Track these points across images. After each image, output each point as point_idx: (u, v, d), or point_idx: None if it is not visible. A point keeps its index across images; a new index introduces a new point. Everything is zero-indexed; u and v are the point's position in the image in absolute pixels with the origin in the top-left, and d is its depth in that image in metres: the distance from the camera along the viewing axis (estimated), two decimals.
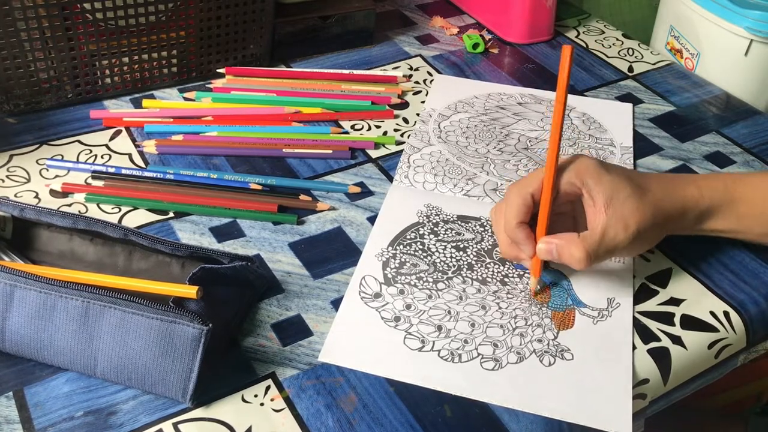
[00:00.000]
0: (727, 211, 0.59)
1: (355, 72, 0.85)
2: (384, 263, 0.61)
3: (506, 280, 0.60)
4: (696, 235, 0.61)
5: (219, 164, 0.70)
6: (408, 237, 0.63)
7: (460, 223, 0.65)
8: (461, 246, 0.63)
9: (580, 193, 0.56)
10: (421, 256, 0.61)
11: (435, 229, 0.64)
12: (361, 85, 0.83)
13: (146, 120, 0.75)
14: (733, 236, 0.61)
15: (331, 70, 0.84)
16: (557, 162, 0.55)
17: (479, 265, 0.61)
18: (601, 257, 0.55)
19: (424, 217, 0.65)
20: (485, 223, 0.65)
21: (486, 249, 0.63)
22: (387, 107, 0.80)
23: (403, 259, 0.61)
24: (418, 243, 0.63)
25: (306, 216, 0.66)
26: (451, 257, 0.62)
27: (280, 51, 0.86)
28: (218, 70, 0.82)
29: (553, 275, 0.61)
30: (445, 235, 0.64)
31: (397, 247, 0.62)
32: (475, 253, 0.62)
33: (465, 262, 0.61)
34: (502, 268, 0.61)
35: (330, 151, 0.72)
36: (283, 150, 0.72)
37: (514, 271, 0.61)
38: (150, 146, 0.71)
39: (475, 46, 0.91)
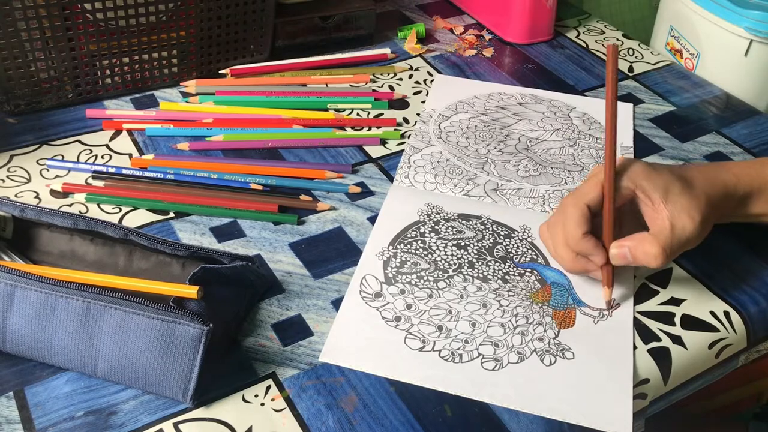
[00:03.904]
0: (763, 195, 0.60)
1: (344, 56, 0.87)
2: (385, 262, 0.61)
3: (507, 277, 0.60)
4: (740, 221, 0.62)
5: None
6: (409, 236, 0.63)
7: (461, 221, 0.65)
8: (462, 244, 0.63)
9: (634, 196, 0.57)
10: (422, 255, 0.61)
11: (436, 227, 0.64)
12: (350, 71, 0.85)
13: (144, 122, 0.75)
14: None
15: (323, 57, 0.86)
16: (615, 166, 0.56)
17: (480, 263, 0.61)
18: (675, 251, 0.55)
19: (425, 216, 0.65)
20: (486, 221, 0.65)
21: (487, 247, 0.63)
22: (388, 102, 0.80)
23: (403, 258, 0.61)
24: (419, 241, 0.63)
25: (306, 216, 0.66)
26: (452, 255, 0.62)
27: (280, 51, 0.86)
28: (221, 71, 0.82)
29: (555, 274, 0.61)
30: (446, 233, 0.64)
31: (398, 246, 0.62)
32: (476, 251, 0.62)
33: (466, 260, 0.61)
34: (503, 265, 0.61)
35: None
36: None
37: (515, 268, 0.61)
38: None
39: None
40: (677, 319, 0.58)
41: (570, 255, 0.58)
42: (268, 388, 0.51)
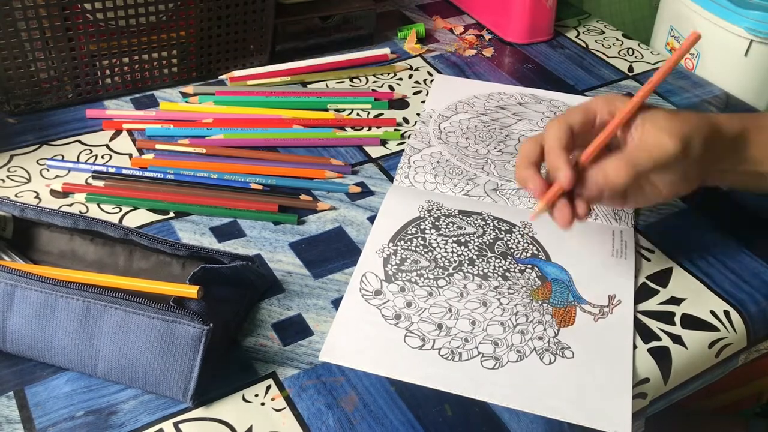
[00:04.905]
0: (758, 136, 0.56)
1: (343, 58, 0.87)
2: (385, 260, 0.61)
3: (507, 275, 0.60)
4: (736, 178, 0.58)
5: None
6: (409, 232, 0.63)
7: (461, 217, 0.65)
8: (463, 240, 0.63)
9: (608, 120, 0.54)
10: (422, 252, 0.61)
11: (436, 223, 0.64)
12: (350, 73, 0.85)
13: (143, 122, 0.75)
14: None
15: (322, 60, 0.85)
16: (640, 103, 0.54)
17: (480, 259, 0.61)
18: (644, 168, 0.52)
19: (426, 212, 0.65)
20: (487, 217, 0.65)
21: (488, 242, 0.63)
22: (388, 102, 0.80)
23: (404, 256, 0.61)
24: (420, 238, 0.63)
25: (306, 216, 0.66)
26: (453, 252, 0.62)
27: (280, 51, 0.86)
28: (221, 77, 0.82)
29: (555, 270, 0.61)
30: (447, 230, 0.64)
31: (398, 243, 0.62)
32: (476, 248, 0.62)
33: (466, 257, 0.61)
34: (503, 262, 0.61)
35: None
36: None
37: (515, 265, 0.61)
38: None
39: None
40: (677, 319, 0.58)
41: (529, 158, 0.54)
42: (268, 387, 0.51)
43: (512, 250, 0.62)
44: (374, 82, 0.85)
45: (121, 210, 0.65)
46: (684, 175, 0.54)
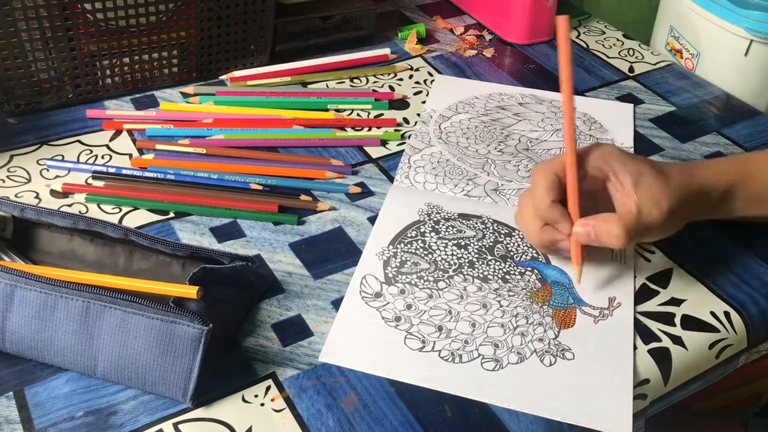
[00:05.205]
0: (743, 189, 0.59)
1: (344, 58, 0.87)
2: (385, 262, 0.61)
3: (507, 277, 0.60)
4: (727, 219, 0.61)
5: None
6: (409, 235, 0.63)
7: (461, 220, 0.65)
8: (462, 243, 0.63)
9: (605, 177, 0.56)
10: (422, 255, 0.61)
11: (436, 227, 0.64)
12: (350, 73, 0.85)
13: (144, 123, 0.75)
14: (760, 218, 0.62)
15: (322, 61, 0.85)
16: (575, 142, 0.56)
17: (480, 262, 0.61)
18: (639, 234, 0.55)
19: (425, 215, 0.65)
20: (486, 220, 0.65)
21: (487, 246, 0.63)
22: (388, 102, 0.80)
23: (404, 258, 0.61)
24: (419, 241, 0.63)
25: (306, 216, 0.66)
26: (452, 255, 0.62)
27: (280, 51, 0.86)
28: (221, 77, 0.82)
29: (555, 273, 0.61)
30: (446, 233, 0.64)
31: (398, 246, 0.62)
32: (476, 251, 0.62)
33: (466, 260, 0.61)
34: (503, 265, 0.61)
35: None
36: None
37: (515, 267, 0.61)
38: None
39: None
40: (677, 320, 0.58)
41: (537, 225, 0.57)
42: (268, 388, 0.51)
43: (512, 253, 0.62)
44: (374, 82, 0.85)
45: (121, 210, 0.65)
46: (666, 229, 0.57)
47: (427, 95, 0.83)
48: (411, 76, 0.86)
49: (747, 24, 0.84)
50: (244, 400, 0.50)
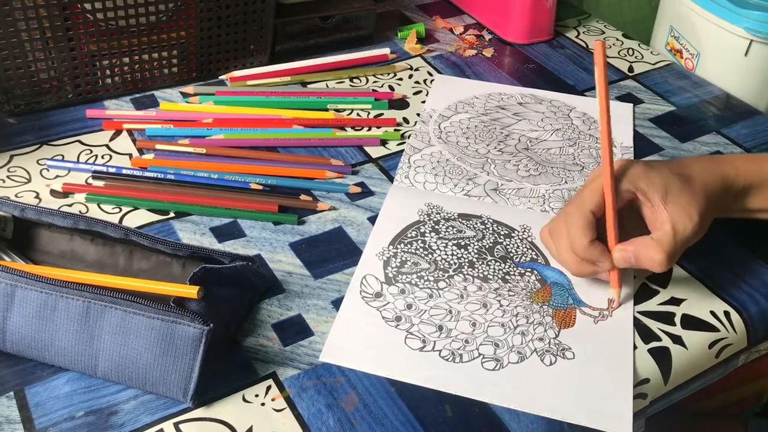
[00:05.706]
0: (762, 190, 0.59)
1: (343, 58, 0.87)
2: (385, 262, 0.61)
3: (507, 277, 0.60)
4: (738, 216, 0.61)
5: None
6: (409, 235, 0.63)
7: (461, 220, 0.65)
8: (462, 244, 0.63)
9: (634, 198, 0.56)
10: (422, 255, 0.61)
11: (436, 227, 0.64)
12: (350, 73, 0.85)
13: (143, 122, 0.75)
14: None
15: (322, 60, 0.85)
16: (613, 171, 0.56)
17: (480, 262, 0.61)
18: (679, 253, 0.55)
19: (425, 216, 0.65)
20: (486, 220, 0.65)
21: (487, 246, 0.63)
22: (388, 102, 0.80)
23: (404, 258, 0.61)
24: (419, 241, 0.63)
25: (306, 216, 0.66)
26: (453, 255, 0.62)
27: (280, 51, 0.86)
28: (221, 77, 0.82)
29: (555, 274, 0.61)
30: (446, 233, 0.64)
31: (398, 246, 0.62)
32: (476, 251, 0.62)
33: (466, 260, 0.61)
34: (503, 265, 0.61)
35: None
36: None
37: (515, 268, 0.61)
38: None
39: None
40: (677, 319, 0.58)
41: (575, 260, 0.57)
42: (269, 388, 0.51)
43: (511, 254, 0.62)
44: (374, 82, 0.85)
45: (121, 210, 0.65)
46: (699, 235, 0.57)
47: (426, 95, 0.83)
48: (411, 76, 0.86)
49: (747, 24, 0.84)
50: (244, 400, 0.50)
